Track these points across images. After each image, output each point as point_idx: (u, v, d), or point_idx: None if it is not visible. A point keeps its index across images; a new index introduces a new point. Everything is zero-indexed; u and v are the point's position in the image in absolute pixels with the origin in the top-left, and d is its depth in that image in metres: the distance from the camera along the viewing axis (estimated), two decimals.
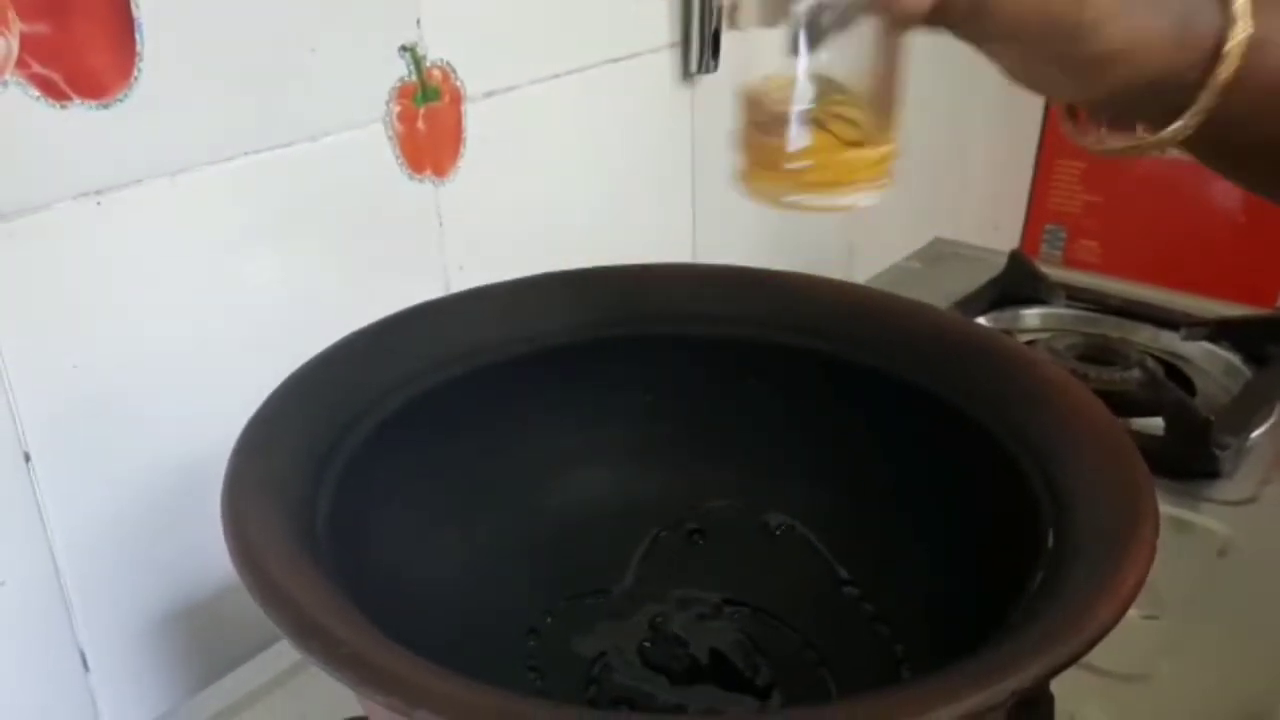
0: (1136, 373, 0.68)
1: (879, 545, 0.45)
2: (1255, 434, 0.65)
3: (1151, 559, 0.32)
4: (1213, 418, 0.62)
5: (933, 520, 0.43)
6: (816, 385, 0.47)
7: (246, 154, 0.51)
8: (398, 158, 0.57)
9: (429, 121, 0.58)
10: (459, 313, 0.47)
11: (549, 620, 0.45)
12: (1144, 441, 0.40)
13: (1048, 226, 1.31)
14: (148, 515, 0.50)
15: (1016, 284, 0.82)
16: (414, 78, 0.57)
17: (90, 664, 0.50)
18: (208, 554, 0.51)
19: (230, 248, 0.51)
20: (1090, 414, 0.40)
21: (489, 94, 0.61)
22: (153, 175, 0.47)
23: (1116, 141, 0.40)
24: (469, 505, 0.46)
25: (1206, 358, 0.75)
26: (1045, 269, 0.83)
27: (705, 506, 0.49)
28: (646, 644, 0.44)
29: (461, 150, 0.60)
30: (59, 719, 0.49)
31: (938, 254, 0.92)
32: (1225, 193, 1.19)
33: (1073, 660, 0.29)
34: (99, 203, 0.46)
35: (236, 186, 0.50)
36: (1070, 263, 1.27)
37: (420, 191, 0.59)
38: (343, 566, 0.36)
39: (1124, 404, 0.67)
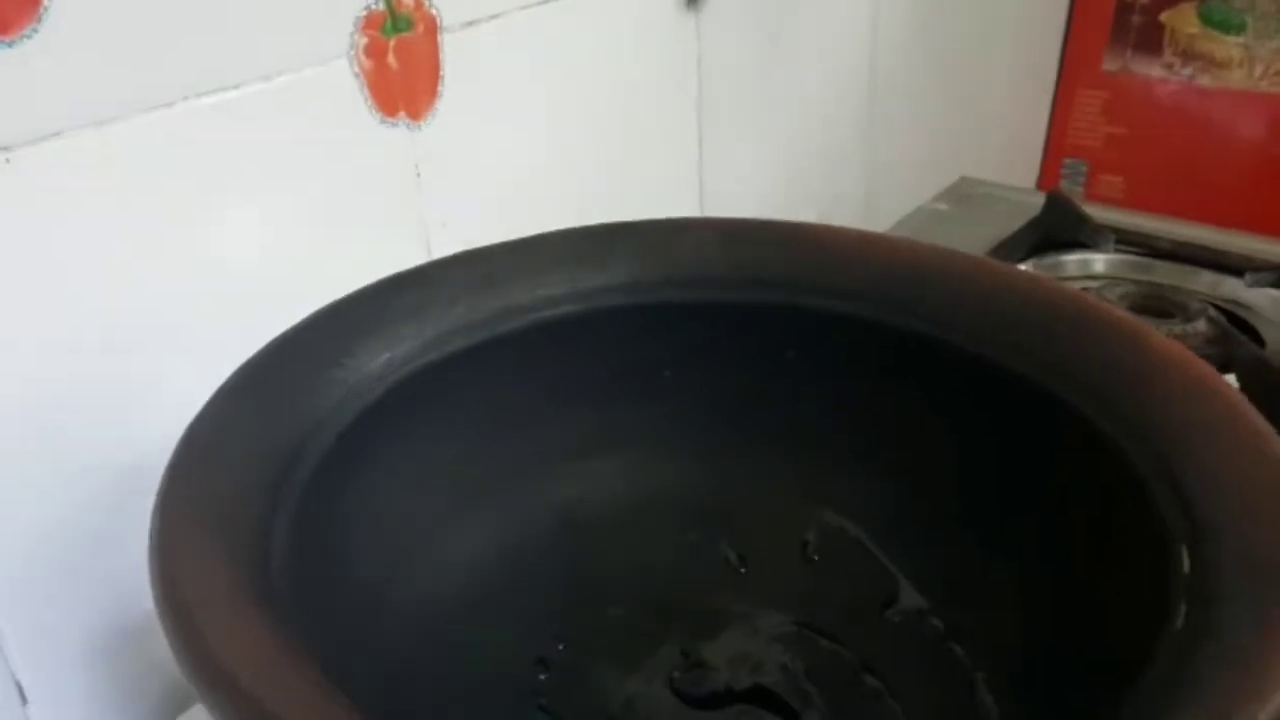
0: (1202, 325, 0.61)
1: (948, 552, 0.38)
2: None
3: None
4: None
5: (1014, 523, 0.36)
6: (870, 361, 0.40)
7: (187, 99, 0.43)
8: (366, 99, 0.49)
9: (401, 56, 0.50)
10: (443, 283, 0.39)
11: (561, 647, 0.38)
12: None
13: (1067, 161, 1.23)
14: (87, 526, 0.43)
15: (1057, 227, 0.74)
16: (382, 5, 0.48)
17: (29, 696, 0.43)
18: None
19: (173, 210, 0.43)
20: (1218, 397, 0.33)
21: (469, 24, 0.53)
22: (75, 127, 0.40)
23: None
24: (463, 510, 0.39)
25: (1273, 306, 0.68)
26: (1088, 209, 0.76)
27: (739, 503, 0.42)
28: (676, 673, 0.37)
29: (439, 89, 0.52)
30: None
31: (965, 194, 0.84)
32: (1257, 121, 1.11)
33: None
34: (7, 159, 0.38)
35: (177, 137, 0.43)
36: (1092, 199, 1.20)
37: (393, 137, 0.51)
38: (308, 602, 0.29)
39: None
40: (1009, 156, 1.19)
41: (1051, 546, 0.35)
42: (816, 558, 0.40)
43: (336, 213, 0.50)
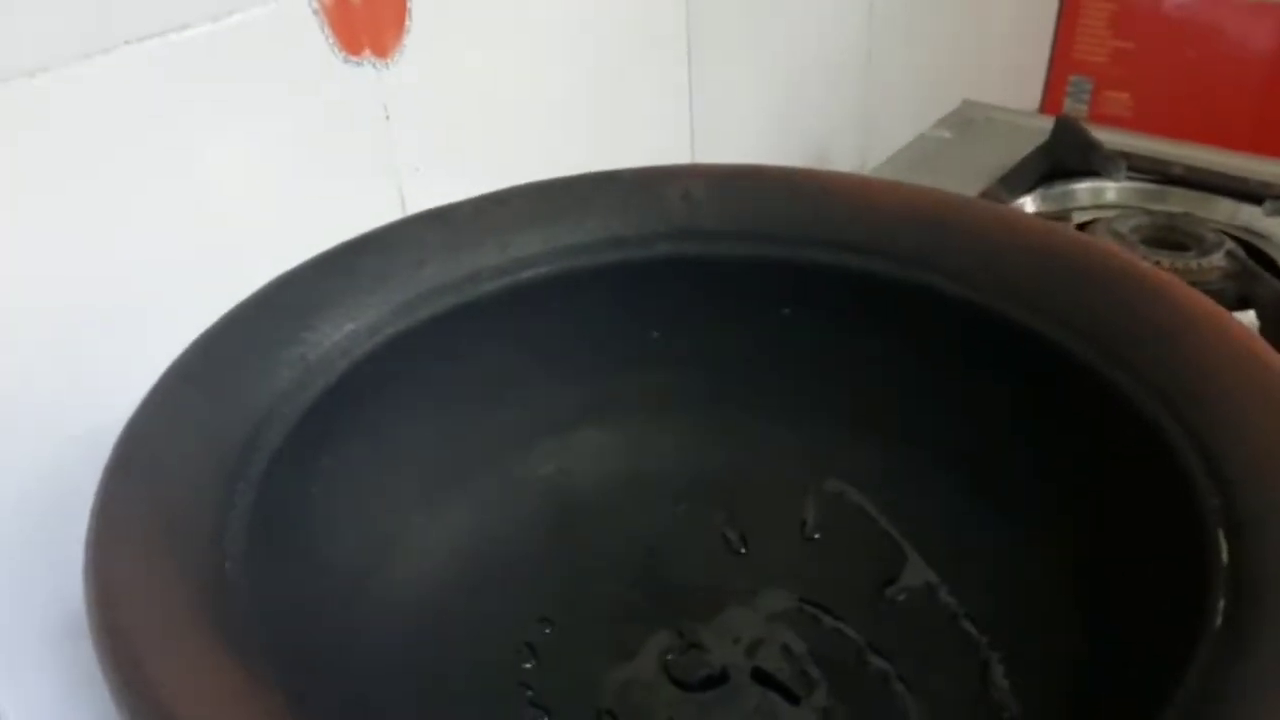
0: (1219, 258, 0.58)
1: (960, 523, 0.36)
2: None
3: None
4: None
5: (1032, 498, 0.34)
6: (875, 319, 0.37)
7: (128, 43, 0.39)
8: (327, 36, 0.45)
9: None
10: (409, 244, 0.36)
11: (548, 632, 0.36)
12: None
13: (1072, 78, 1.19)
14: (50, 503, 0.41)
15: (1066, 154, 0.70)
16: None
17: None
18: None
19: (120, 165, 0.40)
20: (1252, 356, 0.30)
21: None
22: (3, 77, 0.36)
23: None
24: (441, 492, 0.36)
25: None
26: (1097, 133, 0.72)
27: (736, 473, 0.39)
28: (670, 656, 0.35)
29: (407, 23, 0.48)
30: None
31: (968, 119, 0.80)
32: (1271, 34, 1.07)
33: None
34: None
35: (118, 86, 0.39)
36: (1098, 119, 1.15)
37: (359, 77, 0.47)
38: (273, 611, 0.27)
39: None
40: (1012, 74, 1.14)
41: (1071, 522, 0.33)
42: (819, 530, 0.38)
43: (300, 161, 0.46)
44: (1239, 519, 0.26)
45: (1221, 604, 0.25)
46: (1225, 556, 0.26)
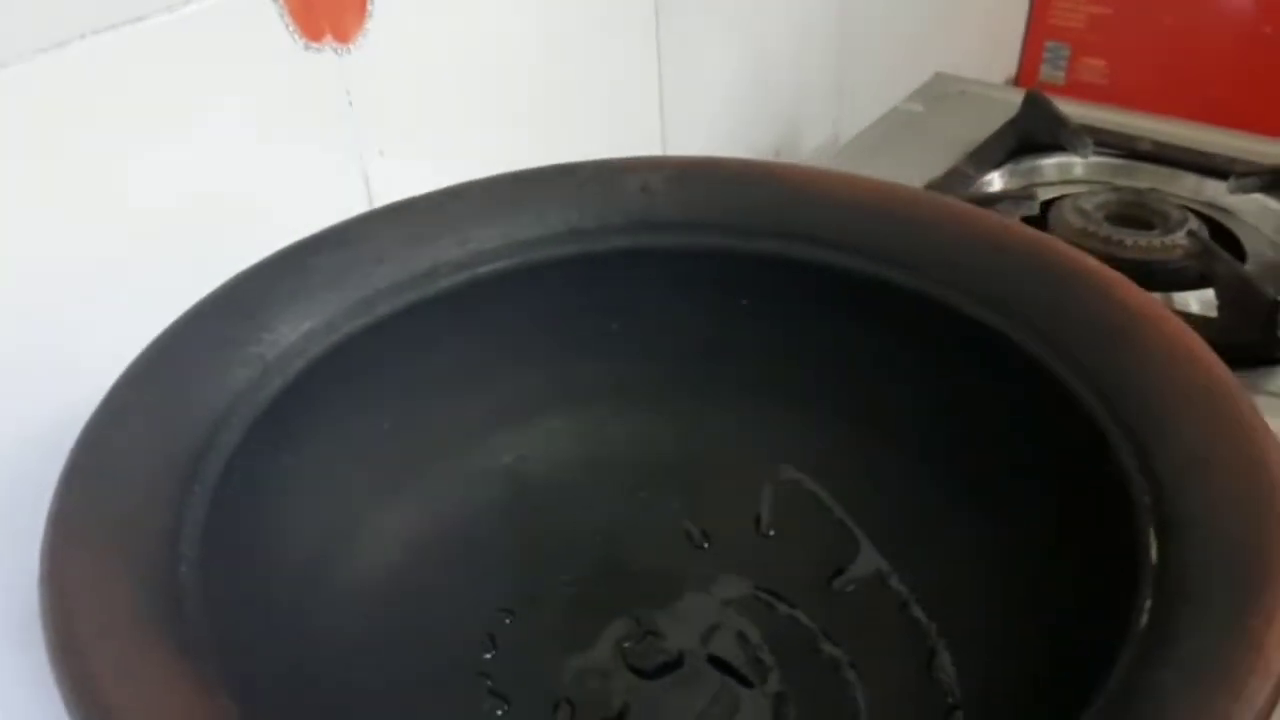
0: (1182, 237, 0.59)
1: (911, 512, 0.36)
2: None
3: None
4: (1278, 296, 0.53)
5: (981, 488, 0.35)
6: (829, 310, 0.38)
7: (84, 36, 0.39)
8: (286, 23, 0.45)
9: None
10: (366, 240, 0.36)
11: (508, 622, 0.36)
12: (1191, 324, 0.32)
13: (1049, 44, 1.18)
14: (15, 499, 0.41)
15: (1035, 129, 0.71)
16: None
17: None
18: None
19: (80, 161, 0.40)
20: (1191, 358, 0.31)
21: None
22: None
23: None
24: (401, 483, 0.37)
25: (1258, 212, 0.65)
26: (1062, 106, 0.72)
27: (693, 461, 0.40)
28: (628, 644, 0.36)
29: (368, 8, 0.48)
30: None
31: (940, 93, 0.80)
32: (1249, 1, 1.07)
33: None
34: None
35: (76, 79, 0.39)
36: (1073, 86, 1.15)
37: (319, 63, 0.47)
38: (229, 613, 0.27)
39: (1167, 276, 0.58)
40: (989, 40, 1.14)
41: (1016, 510, 0.34)
42: (774, 518, 0.39)
43: (263, 151, 0.46)
44: (1168, 518, 0.27)
45: (1148, 603, 0.26)
46: (1154, 555, 0.27)
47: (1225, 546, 0.26)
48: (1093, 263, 0.34)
